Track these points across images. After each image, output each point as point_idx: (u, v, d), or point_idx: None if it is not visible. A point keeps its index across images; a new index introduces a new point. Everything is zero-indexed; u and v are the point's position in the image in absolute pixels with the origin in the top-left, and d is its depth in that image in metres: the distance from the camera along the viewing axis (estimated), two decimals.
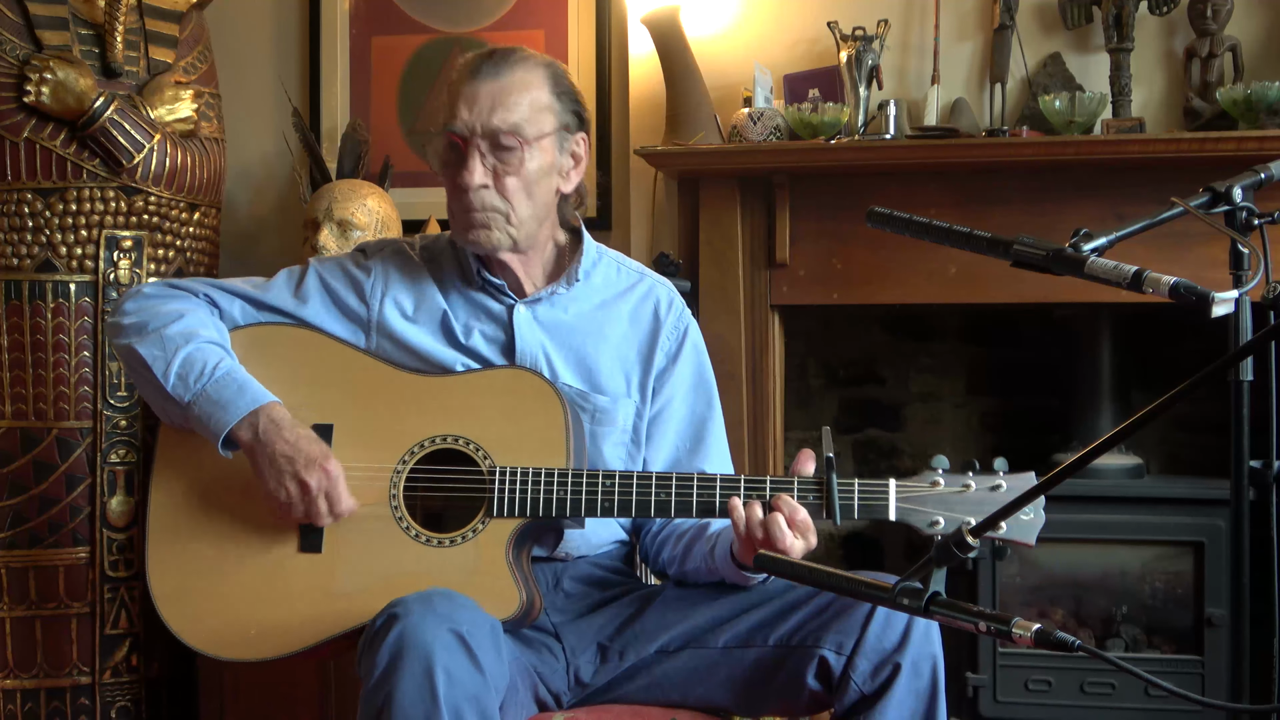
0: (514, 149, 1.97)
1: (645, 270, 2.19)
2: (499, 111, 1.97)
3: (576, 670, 1.99)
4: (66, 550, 2.80)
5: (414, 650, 1.66)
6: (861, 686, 1.85)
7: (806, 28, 3.24)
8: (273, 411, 1.93)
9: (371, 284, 2.09)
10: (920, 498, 1.85)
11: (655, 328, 2.12)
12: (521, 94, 1.99)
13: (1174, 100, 3.08)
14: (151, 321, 1.99)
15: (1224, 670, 2.94)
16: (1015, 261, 1.59)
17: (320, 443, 1.93)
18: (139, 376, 2.02)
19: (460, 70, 2.03)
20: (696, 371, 2.15)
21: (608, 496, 1.90)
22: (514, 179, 1.98)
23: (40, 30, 2.79)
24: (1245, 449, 1.49)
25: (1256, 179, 1.57)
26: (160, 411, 2.02)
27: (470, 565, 1.91)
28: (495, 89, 1.98)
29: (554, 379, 2.04)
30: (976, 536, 1.22)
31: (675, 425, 2.12)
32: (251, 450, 1.93)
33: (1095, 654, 1.20)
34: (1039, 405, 3.35)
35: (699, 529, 2.04)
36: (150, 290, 2.07)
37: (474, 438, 1.96)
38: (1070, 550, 3.10)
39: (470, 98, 1.97)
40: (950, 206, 2.97)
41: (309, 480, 1.90)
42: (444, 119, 2.01)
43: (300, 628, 1.94)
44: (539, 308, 2.08)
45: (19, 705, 2.80)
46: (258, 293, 2.09)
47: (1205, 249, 2.75)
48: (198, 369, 1.95)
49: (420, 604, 1.71)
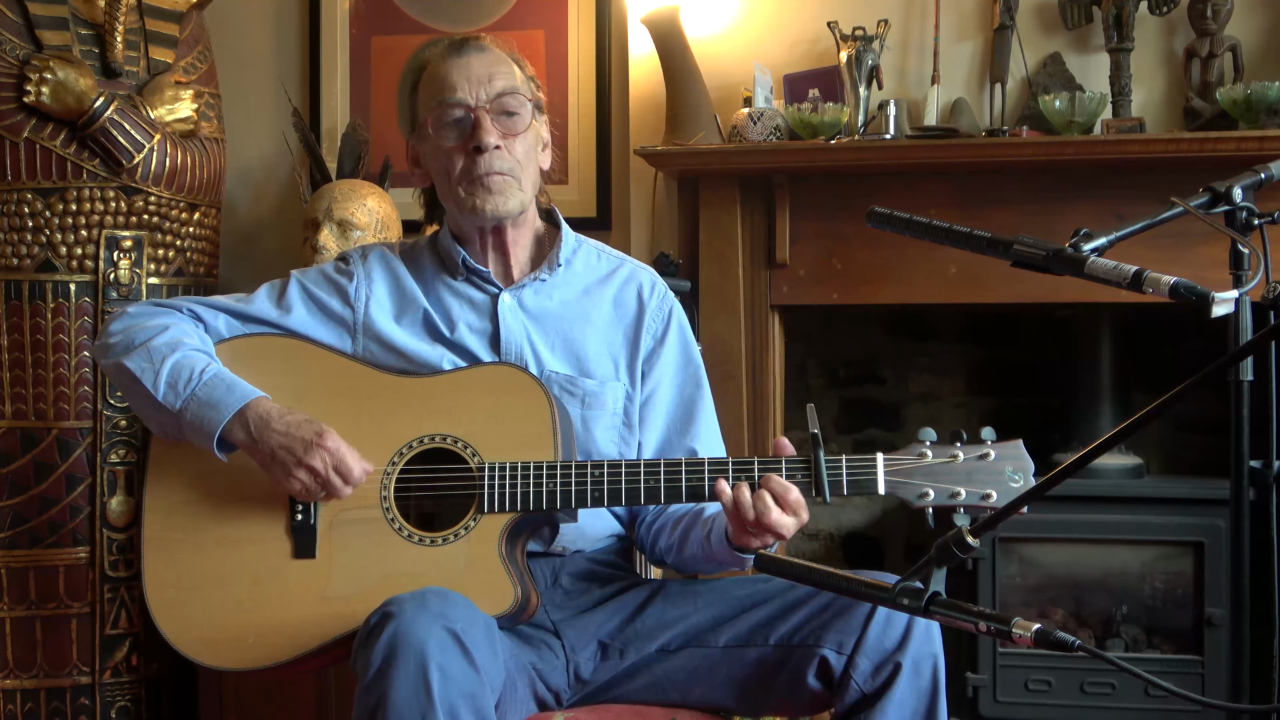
0: (517, 113, 2.03)
1: (625, 256, 2.21)
2: (496, 79, 2.03)
3: (576, 668, 1.99)
4: (66, 550, 2.80)
5: (408, 648, 1.66)
6: (862, 686, 1.85)
7: (806, 28, 3.24)
8: (260, 407, 1.93)
9: (355, 287, 2.10)
10: (908, 470, 1.85)
11: (640, 311, 2.13)
12: (506, 66, 2.06)
13: (1174, 100, 3.08)
14: (137, 337, 2.00)
15: (1224, 670, 2.94)
16: (1015, 261, 1.59)
17: (313, 422, 1.93)
18: (129, 391, 2.02)
19: (438, 55, 2.07)
20: (683, 352, 2.16)
21: (597, 486, 1.91)
22: (520, 141, 2.04)
23: (40, 30, 2.79)
24: (1245, 449, 1.49)
25: (1256, 179, 1.57)
26: (155, 425, 2.02)
27: (463, 563, 1.92)
28: (485, 60, 2.05)
29: (541, 365, 2.06)
30: (976, 536, 1.22)
31: (665, 406, 2.13)
32: (250, 449, 1.93)
33: (1095, 654, 1.20)
34: (1039, 405, 3.35)
35: (694, 514, 2.04)
36: (135, 310, 2.08)
37: (462, 435, 1.96)
38: (1070, 550, 3.10)
39: (463, 70, 2.03)
40: (950, 206, 2.98)
41: (314, 463, 1.90)
42: (439, 98, 2.03)
43: (297, 634, 1.94)
44: (524, 294, 2.09)
45: (19, 705, 2.80)
46: (242, 306, 2.10)
47: (1205, 249, 2.75)
48: (185, 374, 1.95)
49: (414, 602, 1.71)
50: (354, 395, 2.01)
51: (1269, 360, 1.48)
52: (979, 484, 1.83)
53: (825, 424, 3.45)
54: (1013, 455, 1.84)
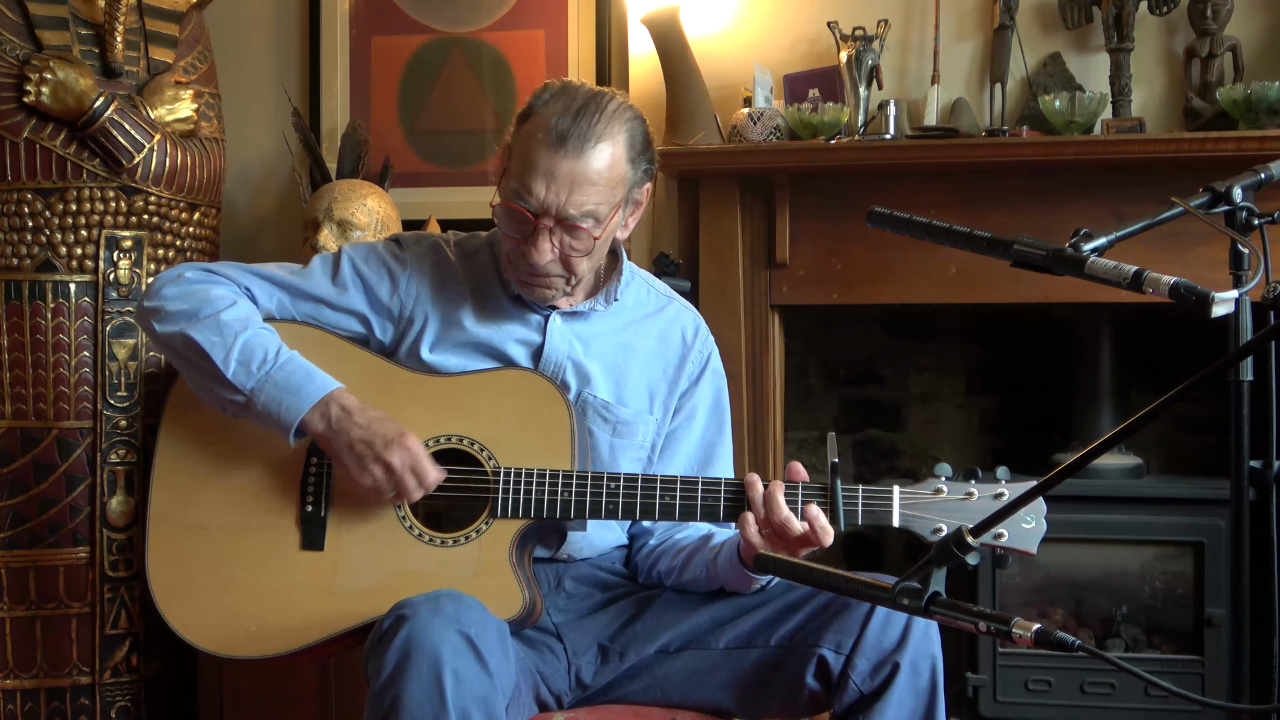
0: (585, 230, 1.94)
1: (673, 294, 2.20)
2: (576, 196, 1.90)
3: (578, 671, 1.99)
4: (66, 550, 2.80)
5: (422, 652, 1.66)
6: (860, 686, 1.85)
7: (806, 28, 3.24)
8: (343, 398, 1.92)
9: (406, 280, 2.06)
10: (924, 505, 1.86)
11: (684, 352, 2.13)
12: (601, 173, 1.92)
13: (1174, 100, 3.08)
14: (203, 308, 1.95)
15: (1224, 670, 2.93)
16: (1015, 261, 1.59)
17: (394, 421, 1.91)
18: (190, 365, 1.97)
19: (543, 127, 1.92)
20: (715, 397, 2.16)
21: (612, 499, 1.90)
22: (581, 257, 1.96)
23: (40, 30, 2.79)
24: (1245, 449, 1.49)
25: (1256, 179, 1.57)
26: (212, 399, 1.98)
27: (473, 565, 1.91)
28: (577, 170, 1.90)
29: (580, 386, 2.04)
30: (976, 536, 1.22)
31: (688, 446, 2.13)
32: (325, 439, 1.92)
33: (1095, 654, 1.20)
34: (1039, 405, 3.34)
35: (701, 541, 2.04)
36: (192, 275, 2.02)
37: (479, 438, 1.96)
38: (1070, 550, 3.10)
39: (549, 175, 1.90)
40: (950, 206, 2.97)
41: (392, 460, 1.88)
42: (516, 184, 1.93)
43: (301, 626, 1.93)
44: (575, 321, 2.07)
45: (19, 705, 2.80)
46: (298, 280, 2.06)
47: (1205, 249, 2.75)
48: (260, 355, 1.92)
49: (428, 605, 1.71)
50: (373, 389, 1.99)
51: (1269, 360, 1.48)
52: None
53: (825, 424, 3.46)
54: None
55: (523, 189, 1.91)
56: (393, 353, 2.07)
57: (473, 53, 3.47)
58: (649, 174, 2.02)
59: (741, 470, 2.14)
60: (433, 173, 3.49)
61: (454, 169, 3.48)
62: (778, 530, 1.83)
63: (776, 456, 3.15)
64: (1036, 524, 1.84)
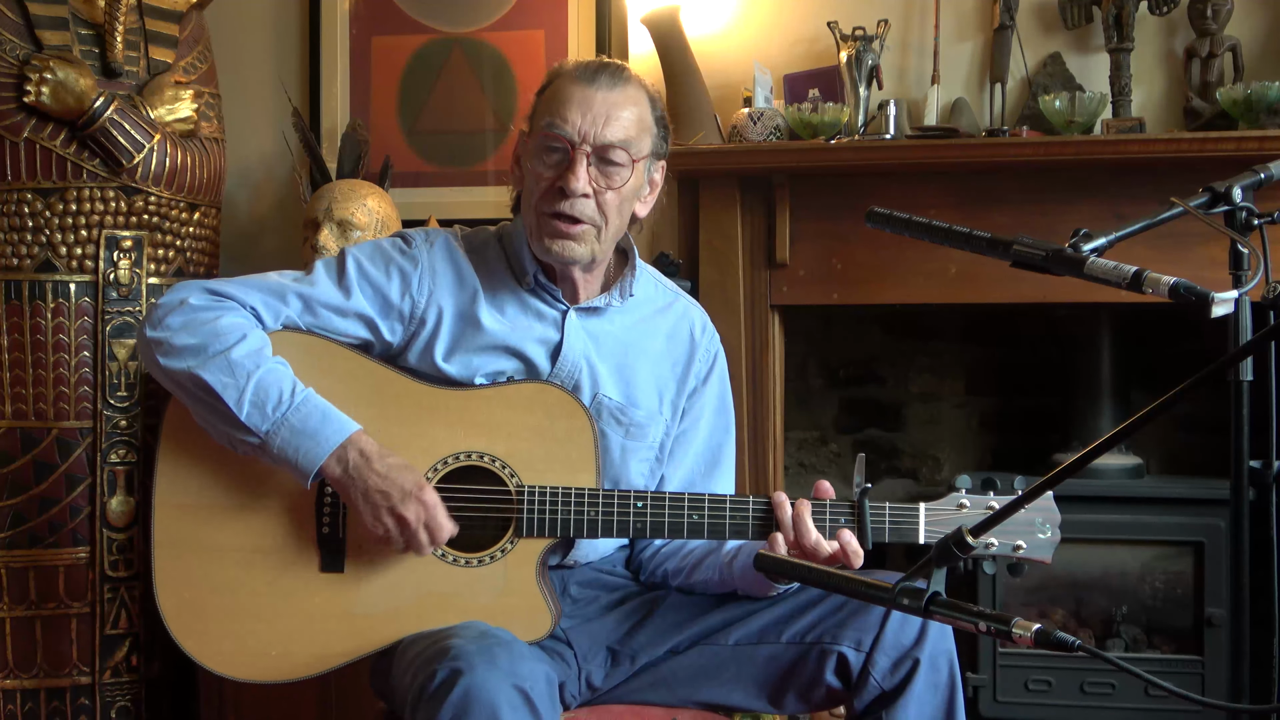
0: (620, 165, 1.94)
1: (679, 290, 2.19)
2: (613, 125, 1.93)
3: (588, 675, 1.98)
4: (66, 550, 2.80)
5: (480, 708, 1.64)
6: (881, 682, 1.86)
7: (806, 28, 3.24)
8: (361, 442, 1.86)
9: (419, 277, 2.00)
10: (949, 521, 1.89)
11: (691, 350, 2.12)
12: (632, 110, 1.95)
13: (1174, 100, 3.08)
14: (211, 343, 1.86)
15: (1224, 670, 2.93)
16: (1015, 261, 1.59)
17: (413, 470, 1.87)
18: (200, 403, 1.88)
19: (570, 72, 1.96)
20: (721, 397, 2.16)
21: (640, 517, 1.89)
22: (614, 195, 1.94)
23: (40, 30, 2.79)
24: (1245, 449, 1.49)
25: (1256, 179, 1.57)
26: (220, 436, 1.90)
27: (500, 586, 1.88)
28: (611, 100, 1.94)
29: (595, 388, 2.02)
30: (977, 536, 1.23)
31: (695, 447, 2.12)
32: (341, 485, 1.87)
33: (1095, 654, 1.20)
34: (1039, 405, 3.34)
35: (715, 545, 2.03)
36: (197, 301, 1.91)
37: (500, 455, 1.92)
38: (1070, 550, 3.08)
39: (584, 103, 1.92)
40: (950, 206, 2.97)
41: (406, 514, 1.85)
42: (548, 118, 1.94)
43: (324, 650, 1.90)
44: (590, 317, 2.05)
45: (19, 705, 2.80)
46: (303, 288, 1.97)
47: (1205, 249, 2.74)
48: (275, 396, 1.85)
49: (483, 658, 1.68)
50: (389, 404, 1.94)
51: (1269, 360, 1.48)
52: (1010, 535, 1.89)
53: (825, 424, 3.46)
54: (1043, 507, 1.91)
55: (559, 119, 1.93)
56: (401, 354, 2.01)
57: (473, 53, 3.47)
58: (664, 152, 2.03)
59: (742, 469, 2.14)
60: (433, 173, 3.49)
61: (454, 169, 3.48)
62: (807, 554, 1.83)
63: (776, 456, 3.15)
64: (1052, 533, 1.87)
